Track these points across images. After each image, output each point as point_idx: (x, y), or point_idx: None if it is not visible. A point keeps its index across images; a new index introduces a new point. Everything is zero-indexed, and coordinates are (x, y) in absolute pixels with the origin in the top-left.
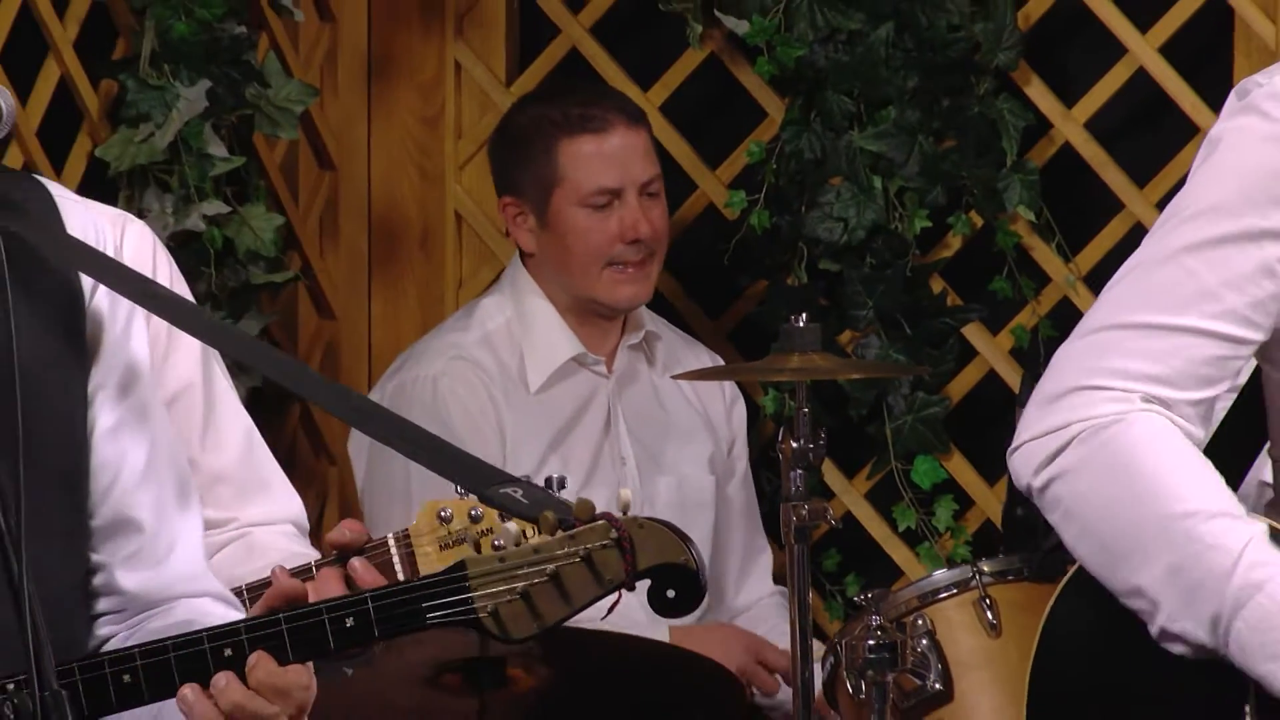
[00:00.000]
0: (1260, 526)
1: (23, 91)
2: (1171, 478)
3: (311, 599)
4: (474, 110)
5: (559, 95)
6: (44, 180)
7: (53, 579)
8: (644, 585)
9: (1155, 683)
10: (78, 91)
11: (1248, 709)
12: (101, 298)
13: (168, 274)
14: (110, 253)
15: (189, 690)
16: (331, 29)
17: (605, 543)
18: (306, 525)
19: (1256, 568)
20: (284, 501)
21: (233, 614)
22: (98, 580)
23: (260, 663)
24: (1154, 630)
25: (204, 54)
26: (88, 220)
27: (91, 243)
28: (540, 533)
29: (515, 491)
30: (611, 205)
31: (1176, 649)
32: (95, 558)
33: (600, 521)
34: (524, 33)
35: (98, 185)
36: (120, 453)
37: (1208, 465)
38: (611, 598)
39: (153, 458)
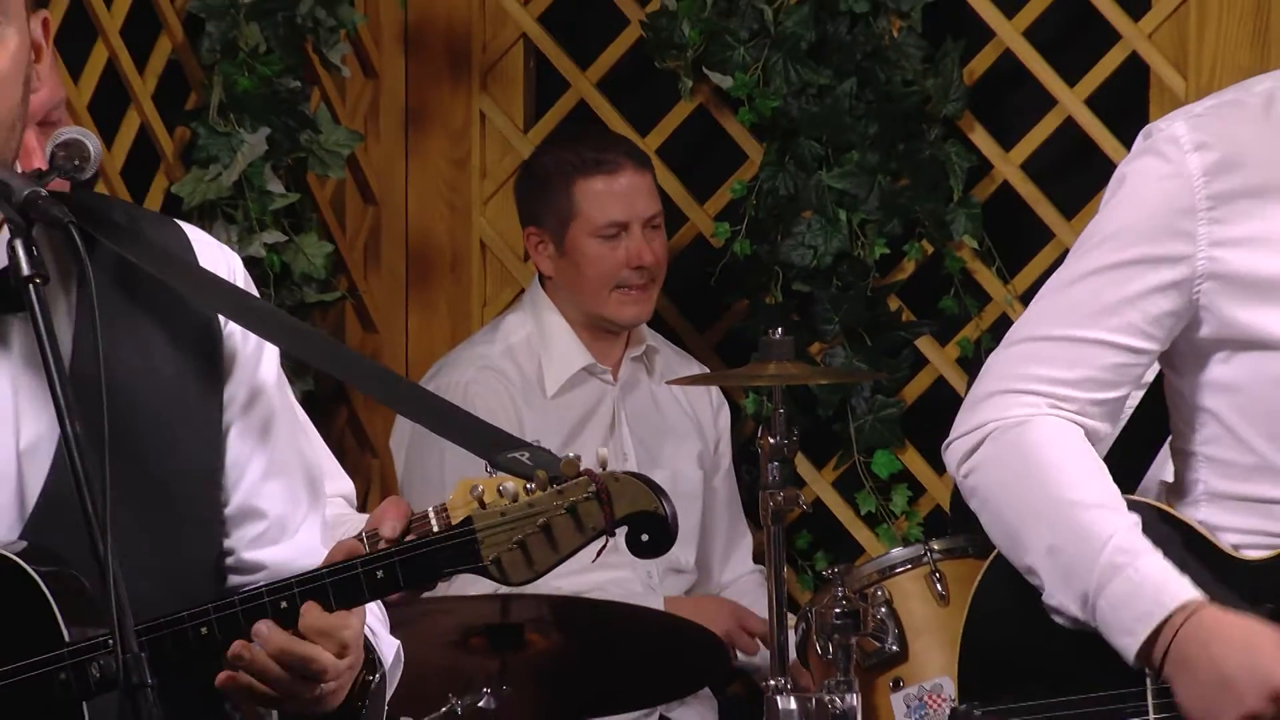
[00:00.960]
0: (1134, 518)
1: (108, 137)
2: (1061, 472)
3: None
4: (496, 153)
5: (577, 141)
6: (180, 223)
7: (190, 557)
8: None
9: (1061, 641)
10: (155, 137)
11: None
12: (230, 326)
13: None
14: (240, 279)
15: (239, 644)
16: (374, 84)
17: (586, 495)
18: (355, 499)
19: (1119, 554)
20: (337, 482)
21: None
22: (230, 560)
23: (308, 611)
24: (1044, 600)
25: (264, 105)
26: (219, 256)
27: (223, 273)
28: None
29: (522, 455)
30: (620, 236)
31: (1058, 619)
32: (228, 542)
33: (583, 477)
34: (539, 87)
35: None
36: (248, 453)
37: (1096, 462)
38: (597, 544)
39: (277, 457)
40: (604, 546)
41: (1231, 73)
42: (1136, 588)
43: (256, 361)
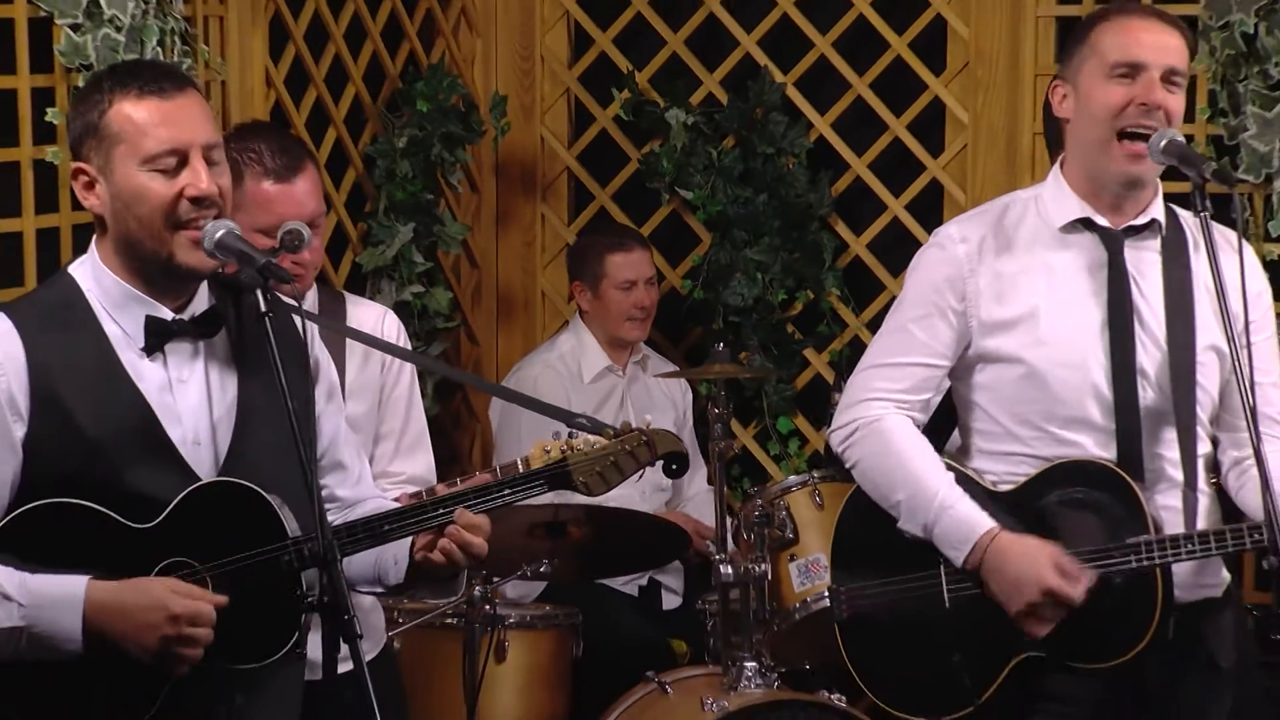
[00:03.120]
0: (950, 476)
1: None
2: (906, 451)
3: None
4: (551, 239)
5: (604, 229)
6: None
7: (298, 489)
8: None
9: (899, 536)
10: (346, 228)
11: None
12: (314, 350)
13: (403, 340)
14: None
15: (431, 534)
16: (477, 196)
17: (641, 442)
18: (433, 473)
19: (946, 500)
20: (429, 460)
21: (389, 505)
22: (325, 494)
23: (462, 513)
24: (899, 526)
25: (411, 209)
26: (363, 315)
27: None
28: (603, 440)
29: (583, 420)
30: (631, 289)
31: (909, 535)
32: (323, 482)
33: (635, 432)
34: (576, 199)
35: (357, 279)
36: (333, 427)
37: (925, 442)
38: (641, 471)
39: (347, 431)
40: (643, 473)
41: (994, 188)
42: (957, 523)
43: (329, 370)
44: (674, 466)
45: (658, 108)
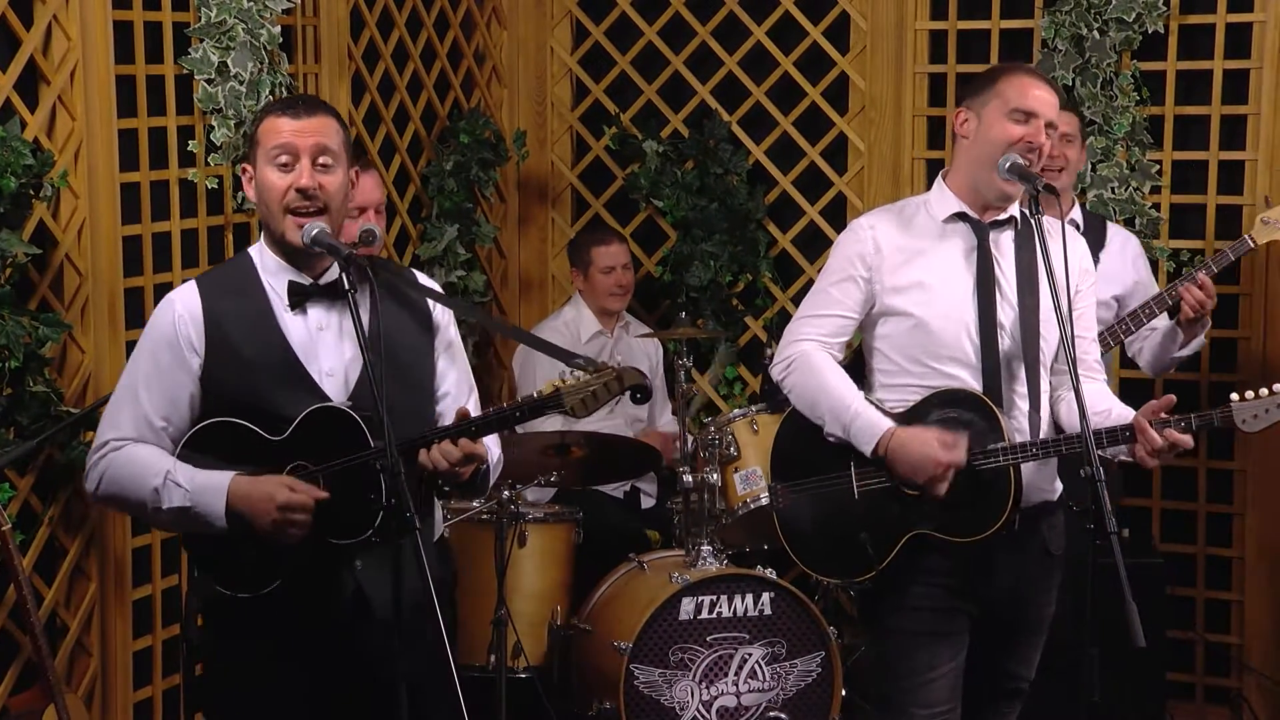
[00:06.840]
0: (861, 393)
1: (387, 227)
2: (829, 376)
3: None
4: (559, 237)
5: (592, 229)
6: (413, 270)
7: (424, 416)
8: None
9: (820, 448)
10: (408, 228)
11: (854, 461)
12: (437, 312)
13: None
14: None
15: (433, 448)
16: (504, 205)
17: (612, 377)
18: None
19: (858, 408)
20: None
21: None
22: (440, 417)
23: (463, 441)
24: (825, 432)
25: (455, 214)
26: (429, 281)
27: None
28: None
29: (580, 361)
30: (611, 272)
31: (831, 439)
32: (439, 409)
33: (610, 369)
34: (576, 207)
35: (415, 266)
36: (445, 368)
37: (843, 371)
38: (616, 398)
39: (458, 374)
40: (618, 401)
41: (883, 199)
42: (868, 424)
43: (447, 327)
44: (638, 395)
45: (637, 140)
